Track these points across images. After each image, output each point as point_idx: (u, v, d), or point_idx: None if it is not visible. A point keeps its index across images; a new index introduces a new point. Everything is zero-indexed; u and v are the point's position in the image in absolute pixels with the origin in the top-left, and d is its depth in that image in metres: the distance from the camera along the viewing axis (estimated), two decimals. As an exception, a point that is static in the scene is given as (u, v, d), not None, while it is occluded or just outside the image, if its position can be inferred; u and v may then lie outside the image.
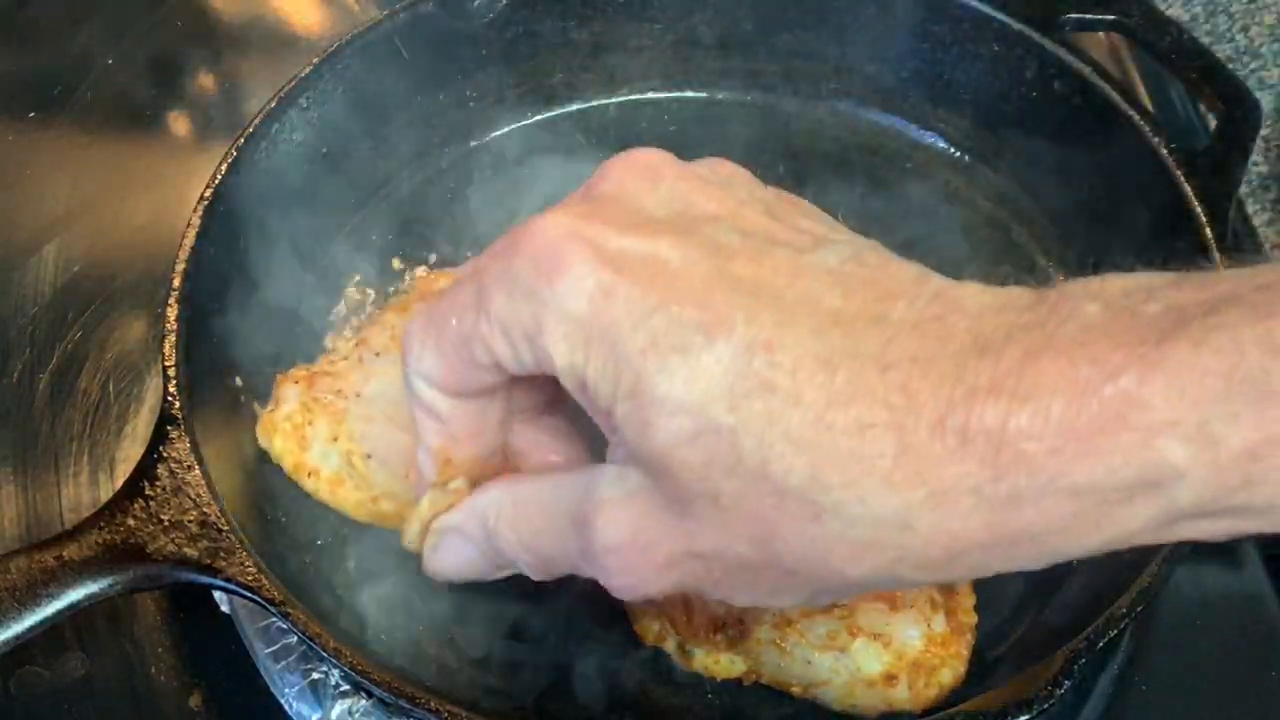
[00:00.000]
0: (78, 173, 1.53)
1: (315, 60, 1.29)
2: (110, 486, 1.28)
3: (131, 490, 1.01)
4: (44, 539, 0.97)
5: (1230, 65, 1.50)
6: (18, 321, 1.40)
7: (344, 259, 1.35)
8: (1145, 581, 0.97)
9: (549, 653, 1.09)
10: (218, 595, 1.16)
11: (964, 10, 1.36)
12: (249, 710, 1.14)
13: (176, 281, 1.12)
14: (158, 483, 1.01)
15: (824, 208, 1.36)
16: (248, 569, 0.98)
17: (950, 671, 1.03)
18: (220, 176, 1.19)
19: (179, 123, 1.58)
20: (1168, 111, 1.53)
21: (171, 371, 1.07)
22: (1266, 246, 1.46)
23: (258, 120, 1.24)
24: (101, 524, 0.98)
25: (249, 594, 0.97)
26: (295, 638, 1.08)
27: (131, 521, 0.99)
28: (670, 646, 1.07)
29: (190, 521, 1.00)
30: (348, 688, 1.09)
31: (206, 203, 1.17)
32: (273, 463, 1.14)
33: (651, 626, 1.07)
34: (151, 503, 1.00)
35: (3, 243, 1.47)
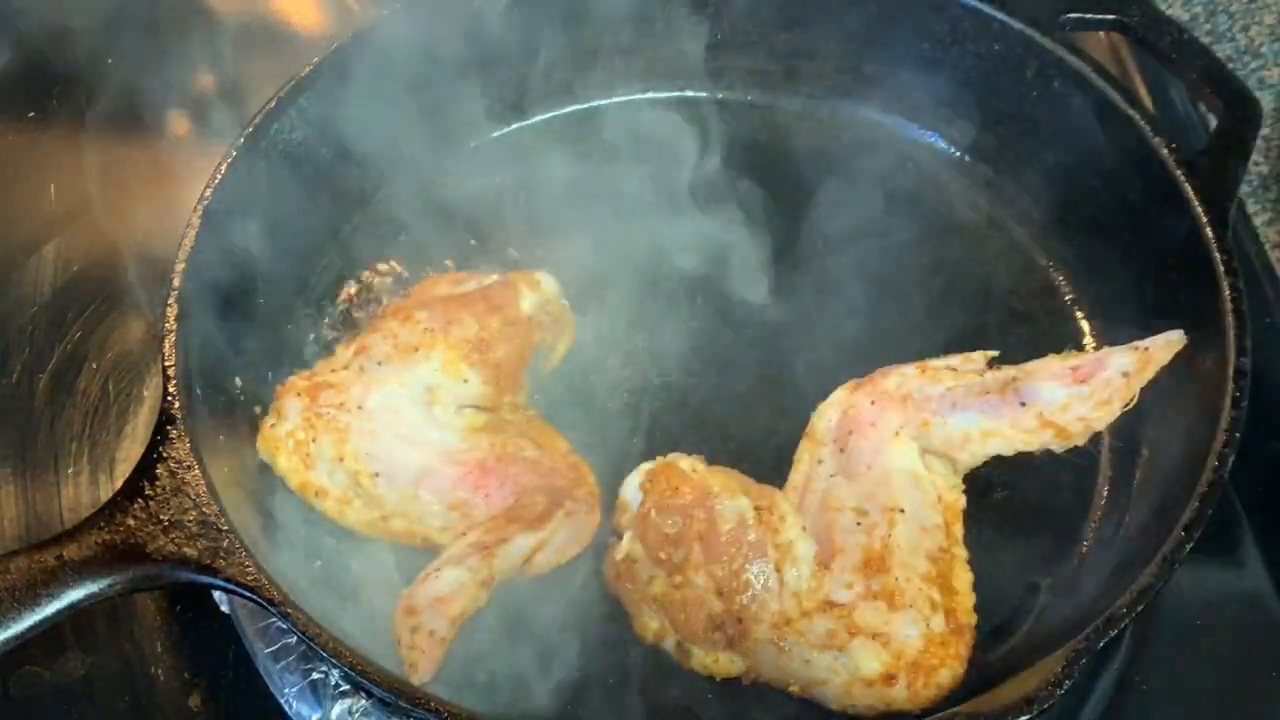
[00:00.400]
0: (78, 173, 1.53)
1: (315, 60, 1.29)
2: (110, 486, 1.28)
3: (131, 490, 1.01)
4: (44, 539, 0.98)
5: (1230, 65, 1.51)
6: (18, 321, 1.40)
7: (344, 259, 1.35)
8: (1145, 581, 0.97)
9: (549, 652, 1.09)
10: (218, 595, 1.16)
11: (964, 10, 1.36)
12: (249, 710, 1.14)
13: (176, 281, 1.12)
14: (158, 483, 1.01)
15: (824, 208, 1.38)
16: (248, 569, 0.98)
17: (949, 672, 1.03)
18: (220, 176, 1.19)
19: (179, 123, 1.58)
20: (1168, 111, 1.53)
21: (171, 371, 1.07)
22: (1266, 246, 1.45)
23: (258, 120, 1.24)
24: (101, 524, 0.99)
25: (249, 594, 0.97)
26: (295, 638, 1.08)
27: (131, 521, 0.99)
28: (669, 645, 1.07)
29: (190, 521, 1.00)
30: (347, 688, 1.09)
31: (206, 203, 1.17)
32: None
33: (651, 625, 1.07)
34: (151, 503, 1.00)
35: (3, 243, 1.47)
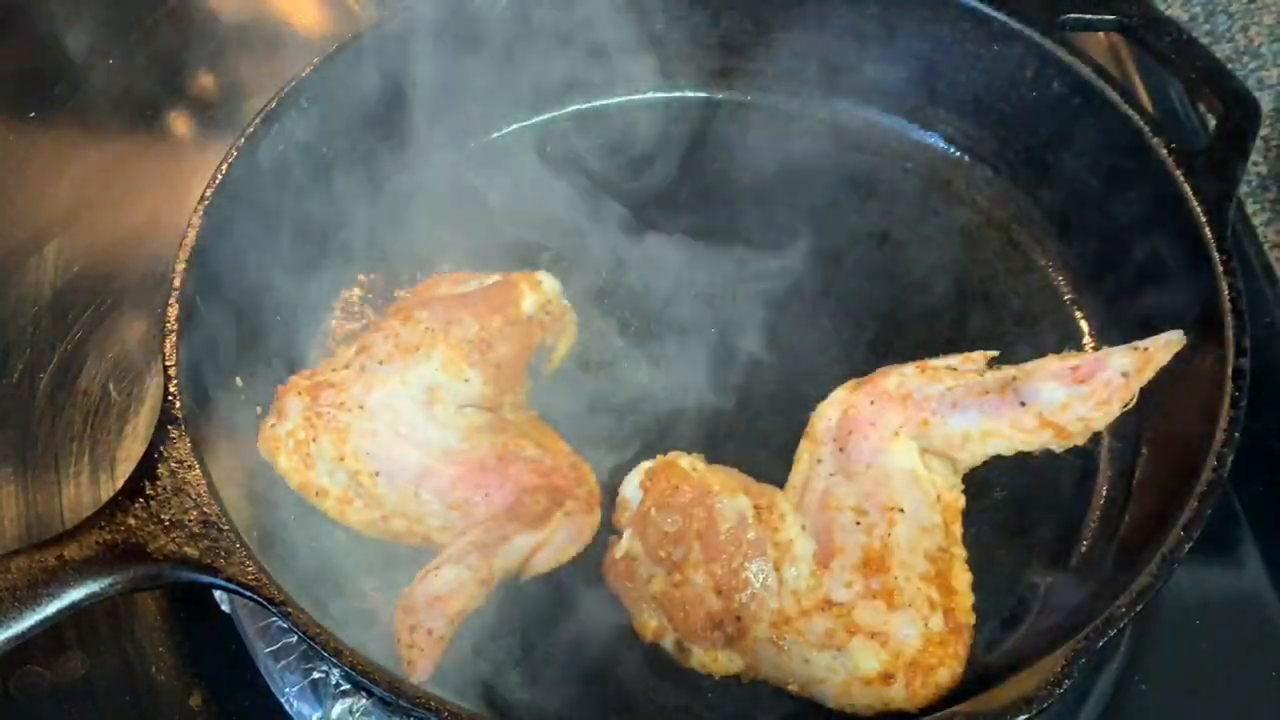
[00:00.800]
0: (78, 173, 1.53)
1: (315, 61, 1.29)
2: (111, 486, 1.28)
3: (132, 490, 1.01)
4: (45, 539, 0.98)
5: (1230, 65, 1.51)
6: (18, 321, 1.40)
7: (345, 259, 1.35)
8: (1145, 581, 0.97)
9: (548, 651, 1.09)
10: (218, 595, 1.16)
11: (964, 10, 1.36)
12: (249, 710, 1.14)
13: (177, 281, 1.12)
14: (158, 482, 1.01)
15: (824, 208, 1.38)
16: (248, 568, 0.98)
17: (947, 671, 1.03)
18: (220, 176, 1.19)
19: (179, 123, 1.58)
20: (1168, 111, 1.53)
21: (172, 371, 1.07)
22: (1266, 246, 1.45)
23: (258, 120, 1.24)
24: (102, 523, 0.99)
25: (249, 593, 0.97)
26: (295, 637, 1.08)
27: (132, 521, 0.99)
28: (668, 643, 1.07)
29: (191, 521, 1.00)
30: (348, 687, 1.09)
31: (206, 203, 1.17)
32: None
33: (650, 623, 1.07)
34: (152, 502, 1.00)
35: (3, 243, 1.47)
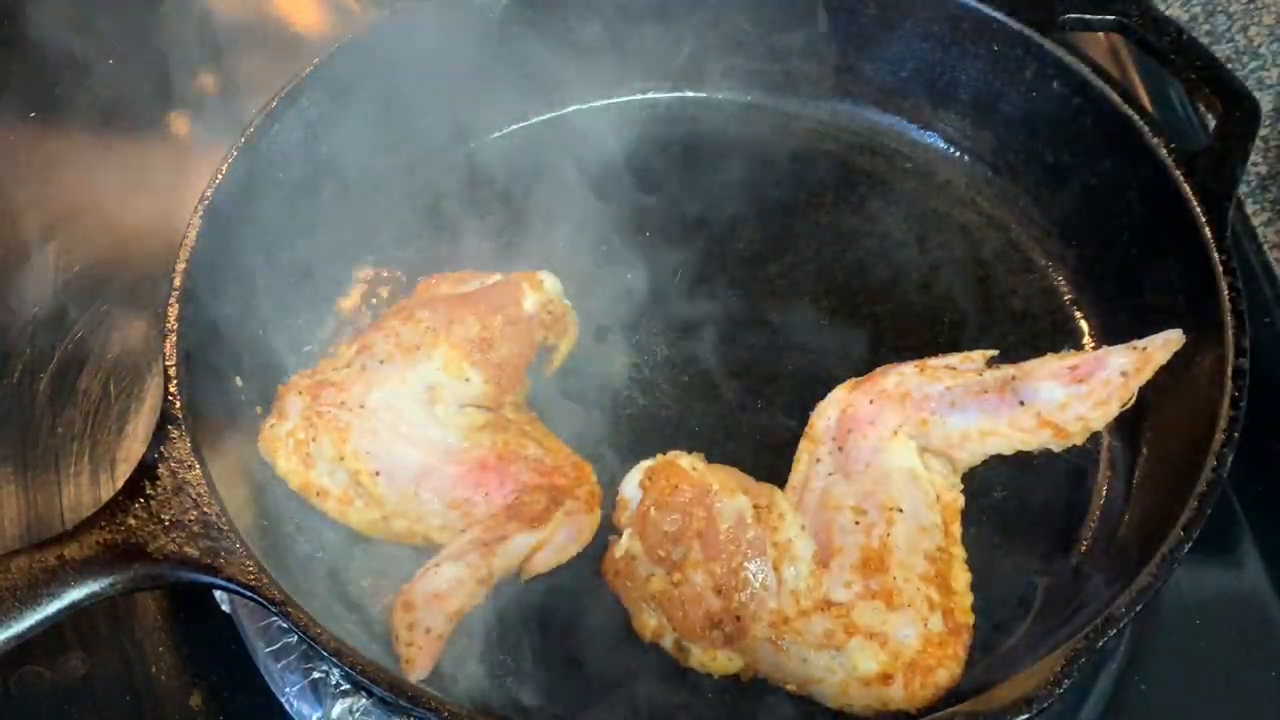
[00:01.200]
0: (78, 173, 1.53)
1: (315, 61, 1.29)
2: (111, 486, 1.28)
3: (132, 490, 1.01)
4: (45, 538, 0.98)
5: (1230, 65, 1.51)
6: (18, 322, 1.40)
7: (345, 259, 1.35)
8: (1144, 581, 0.97)
9: (548, 650, 1.09)
10: (218, 595, 1.16)
11: (964, 10, 1.36)
12: (249, 710, 1.14)
13: (177, 281, 1.12)
14: (158, 482, 1.01)
15: (824, 208, 1.38)
16: (248, 568, 0.98)
17: (946, 672, 1.03)
18: (220, 177, 1.19)
19: (179, 123, 1.58)
20: (1168, 111, 1.53)
21: (172, 371, 1.07)
22: (1265, 246, 1.45)
23: (258, 120, 1.24)
24: (102, 523, 0.99)
25: (249, 593, 0.97)
26: (296, 637, 1.09)
27: (132, 521, 0.99)
28: (667, 643, 1.07)
29: (191, 521, 1.00)
30: (348, 687, 1.09)
31: (206, 203, 1.17)
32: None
33: (649, 623, 1.07)
34: (152, 502, 1.00)
35: (3, 243, 1.47)
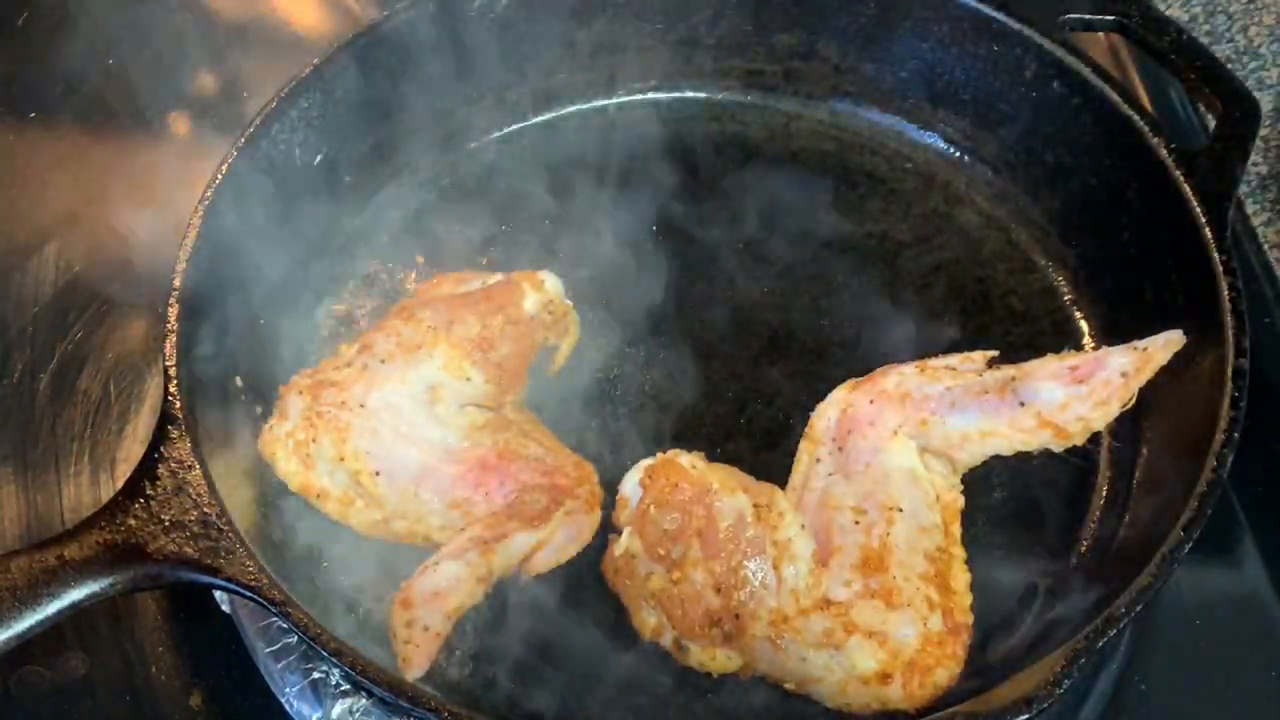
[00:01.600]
0: (78, 173, 1.53)
1: (315, 61, 1.29)
2: (111, 486, 1.28)
3: (132, 490, 1.01)
4: (45, 539, 0.98)
5: (1230, 65, 1.51)
6: (18, 322, 1.40)
7: (345, 259, 1.35)
8: (1145, 581, 0.97)
9: (548, 649, 1.09)
10: (218, 595, 1.16)
11: (964, 10, 1.36)
12: (249, 710, 1.14)
13: (177, 281, 1.12)
14: (158, 483, 1.01)
15: (824, 208, 1.38)
16: (248, 568, 0.98)
17: (945, 672, 1.03)
18: (220, 177, 1.19)
19: (179, 123, 1.58)
20: (1168, 111, 1.53)
21: (172, 371, 1.07)
22: (1265, 246, 1.45)
23: (258, 120, 1.24)
24: (102, 524, 0.99)
25: (249, 594, 0.97)
26: (295, 637, 1.09)
27: (132, 521, 0.99)
28: (666, 641, 1.07)
29: (191, 521, 1.00)
30: (348, 687, 1.09)
31: (206, 203, 1.17)
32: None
33: (649, 621, 1.07)
34: (152, 502, 1.00)
35: (3, 243, 1.47)
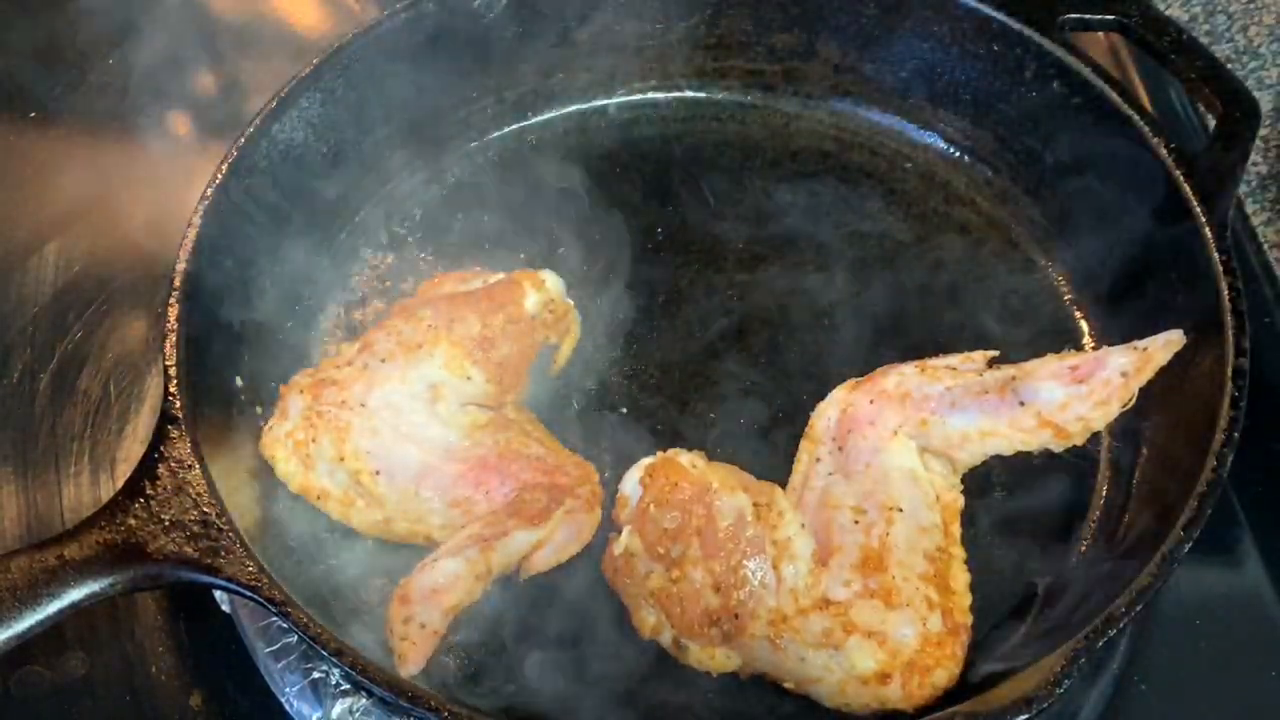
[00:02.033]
0: (78, 173, 1.53)
1: (315, 60, 1.29)
2: (111, 486, 1.28)
3: (132, 490, 1.01)
4: (45, 538, 0.98)
5: (1229, 65, 1.51)
6: (18, 322, 1.40)
7: (345, 259, 1.35)
8: (1144, 581, 0.97)
9: (548, 648, 1.09)
10: (218, 595, 1.16)
11: (964, 10, 1.36)
12: (249, 710, 1.14)
13: (177, 281, 1.12)
14: (158, 482, 1.01)
15: (824, 208, 1.38)
16: (248, 568, 0.98)
17: (944, 672, 1.03)
18: (220, 176, 1.19)
19: (179, 123, 1.58)
20: (1168, 111, 1.53)
21: (172, 371, 1.07)
22: (1265, 246, 1.45)
23: (258, 120, 1.24)
24: (102, 523, 0.99)
25: (249, 593, 0.97)
26: (295, 637, 1.09)
27: (132, 521, 0.99)
28: (666, 640, 1.07)
29: (191, 521, 1.00)
30: (348, 687, 1.09)
31: (206, 203, 1.17)
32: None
33: (648, 620, 1.07)
34: (152, 502, 1.00)
35: (3, 243, 1.47)
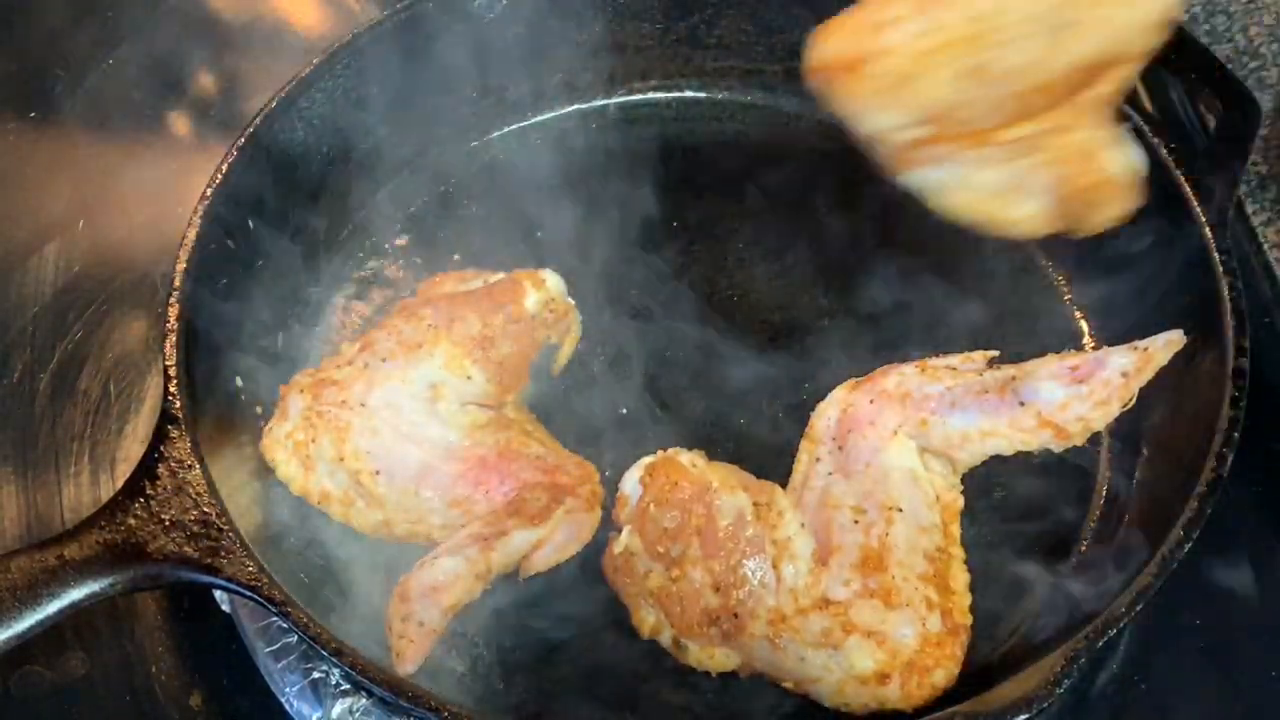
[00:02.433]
0: (78, 173, 1.53)
1: (315, 60, 1.29)
2: (111, 486, 1.28)
3: (132, 490, 1.01)
4: (45, 538, 0.98)
5: (1230, 65, 1.50)
6: (18, 322, 1.40)
7: (346, 258, 1.35)
8: (1144, 581, 0.97)
9: (548, 647, 1.09)
10: (218, 595, 1.16)
11: (964, 10, 1.35)
12: (249, 710, 1.14)
13: (177, 281, 1.12)
14: (158, 482, 1.01)
15: (825, 207, 1.38)
16: (248, 568, 0.98)
17: (944, 672, 1.03)
18: (220, 176, 1.19)
19: (179, 123, 1.58)
20: (1168, 111, 1.53)
21: (172, 371, 1.07)
22: (1265, 246, 1.45)
23: (258, 120, 1.24)
24: (102, 523, 0.99)
25: (249, 593, 0.97)
26: (295, 637, 1.09)
27: (132, 521, 0.99)
28: (665, 639, 1.07)
29: (191, 521, 1.00)
30: (348, 687, 1.09)
31: (206, 203, 1.17)
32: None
33: (648, 619, 1.08)
34: (152, 502, 1.00)
35: (3, 243, 1.47)
